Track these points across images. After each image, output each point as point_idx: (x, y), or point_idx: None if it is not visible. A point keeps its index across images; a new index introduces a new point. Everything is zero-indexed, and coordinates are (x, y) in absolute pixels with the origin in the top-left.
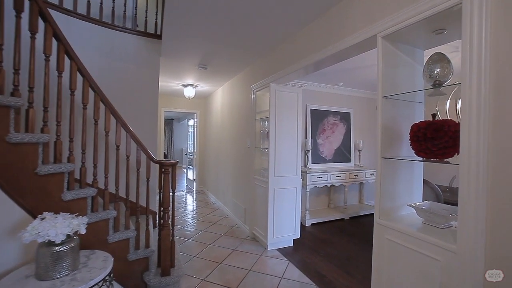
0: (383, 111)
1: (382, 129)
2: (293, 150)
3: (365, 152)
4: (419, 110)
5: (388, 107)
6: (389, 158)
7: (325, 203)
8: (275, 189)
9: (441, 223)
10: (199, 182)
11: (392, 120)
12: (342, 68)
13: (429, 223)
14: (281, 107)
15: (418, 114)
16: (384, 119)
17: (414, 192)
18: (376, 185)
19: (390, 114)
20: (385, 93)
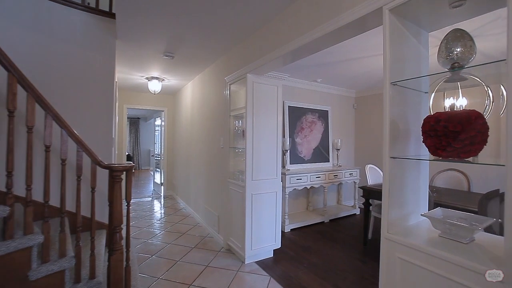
0: (391, 101)
1: (390, 123)
2: (272, 150)
3: (343, 152)
4: (425, 101)
5: (396, 96)
6: (400, 158)
7: (303, 206)
8: (253, 195)
9: (464, 236)
10: (167, 186)
11: (399, 112)
12: (323, 62)
13: (448, 236)
14: (259, 101)
15: (424, 106)
16: (392, 111)
17: (421, 197)
18: (384, 192)
19: (397, 105)
20: (393, 79)
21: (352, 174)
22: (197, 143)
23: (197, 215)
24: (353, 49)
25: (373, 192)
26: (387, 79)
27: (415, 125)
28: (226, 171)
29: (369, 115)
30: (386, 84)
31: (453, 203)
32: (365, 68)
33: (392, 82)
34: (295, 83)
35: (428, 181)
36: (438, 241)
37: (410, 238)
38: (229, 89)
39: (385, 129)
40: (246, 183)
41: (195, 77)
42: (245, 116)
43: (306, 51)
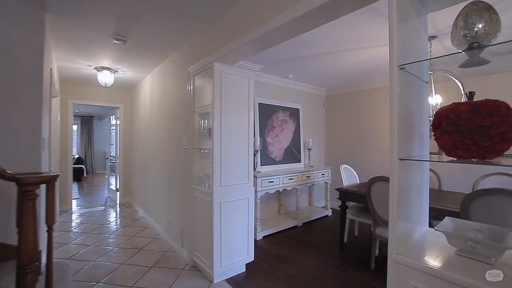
0: (399, 90)
1: (399, 118)
2: (243, 152)
3: (314, 151)
4: (425, 92)
5: (403, 84)
6: (410, 160)
7: (275, 209)
8: (221, 203)
9: (490, 255)
10: (124, 193)
11: (405, 104)
12: (296, 55)
13: (469, 255)
14: (228, 95)
15: (425, 97)
16: (400, 103)
17: (423, 204)
18: (392, 200)
19: (405, 96)
20: (401, 61)
21: (324, 174)
22: (156, 144)
23: (157, 226)
24: (327, 41)
25: (350, 194)
26: (394, 62)
27: (419, 120)
28: (190, 176)
29: (339, 114)
30: (393, 69)
31: (433, 204)
32: (337, 65)
33: (400, 65)
34: (266, 78)
35: (428, 186)
36: (459, 262)
37: (424, 259)
38: (193, 82)
39: (393, 125)
40: (213, 189)
41: (155, 69)
42: (212, 112)
43: (279, 35)
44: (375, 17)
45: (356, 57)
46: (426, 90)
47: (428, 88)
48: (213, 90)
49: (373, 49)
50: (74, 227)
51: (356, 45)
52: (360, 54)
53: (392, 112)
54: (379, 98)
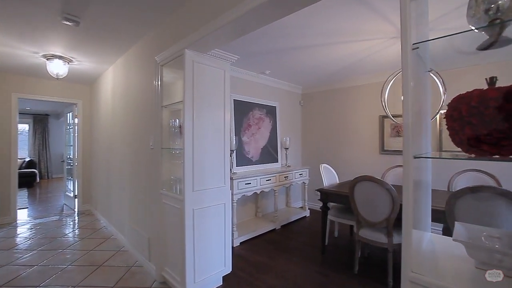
0: (412, 75)
1: (413, 109)
2: (219, 152)
3: (291, 151)
4: (429, 83)
5: (414, 71)
6: (427, 157)
7: (252, 212)
8: (194, 210)
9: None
10: (84, 199)
11: (417, 95)
12: (275, 47)
13: (492, 268)
14: (202, 88)
15: (428, 89)
16: (413, 91)
17: (428, 208)
18: (406, 205)
19: (418, 85)
20: (416, 40)
21: (302, 174)
22: (120, 144)
23: (121, 237)
24: (309, 32)
25: (332, 195)
26: (407, 41)
27: (425, 114)
28: (158, 180)
29: (316, 112)
30: (407, 49)
31: None
32: (315, 61)
33: (415, 43)
34: (242, 74)
35: (430, 187)
36: (485, 280)
37: (443, 277)
38: (161, 73)
39: (406, 117)
40: (185, 195)
41: (117, 59)
42: (183, 107)
43: (255, 19)
44: (363, 9)
45: (336, 52)
46: (429, 80)
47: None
48: (184, 81)
49: (355, 44)
50: (18, 243)
51: (338, 39)
52: (341, 49)
53: (405, 102)
54: (356, 96)
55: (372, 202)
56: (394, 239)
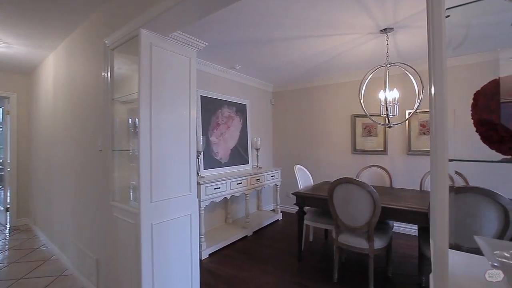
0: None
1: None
2: (184, 154)
3: (262, 151)
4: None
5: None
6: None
7: (221, 219)
8: (153, 225)
9: None
10: (19, 212)
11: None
12: (248, 38)
13: None
14: (162, 78)
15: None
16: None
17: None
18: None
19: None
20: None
21: (274, 176)
22: (63, 146)
23: (64, 257)
24: (286, 23)
25: (308, 199)
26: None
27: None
28: (107, 189)
29: (287, 112)
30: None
31: (393, 204)
32: (289, 57)
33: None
34: (210, 68)
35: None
36: None
37: None
38: (112, 59)
39: (440, 111)
40: (141, 207)
41: (59, 44)
42: (139, 100)
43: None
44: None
45: (311, 48)
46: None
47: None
48: (139, 68)
49: (331, 39)
50: None
51: (314, 32)
52: (317, 43)
53: (436, 94)
54: (328, 95)
55: (352, 205)
56: (375, 243)
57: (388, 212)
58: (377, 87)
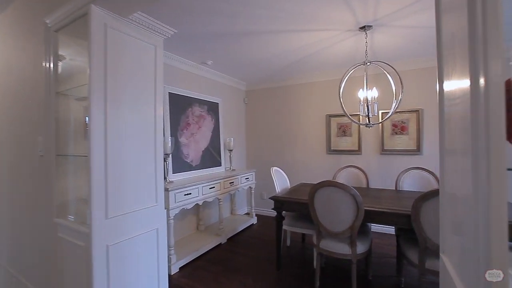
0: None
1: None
2: (149, 158)
3: (235, 153)
4: None
5: None
6: None
7: (193, 226)
8: (109, 246)
9: None
10: None
11: None
12: (220, 31)
13: None
14: (121, 67)
15: None
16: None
17: None
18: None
19: None
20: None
21: (248, 178)
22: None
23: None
24: (263, 14)
25: (288, 204)
26: None
27: None
28: (50, 203)
29: (261, 111)
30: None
31: (376, 207)
32: (264, 53)
33: None
34: (179, 62)
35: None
36: None
37: None
38: (55, 42)
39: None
40: (92, 225)
41: None
42: (89, 94)
43: None
44: None
45: (288, 44)
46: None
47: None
48: (89, 55)
49: (308, 35)
50: None
51: (293, 26)
52: (294, 39)
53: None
54: (303, 94)
55: (335, 210)
56: (358, 248)
57: (370, 215)
58: (352, 87)
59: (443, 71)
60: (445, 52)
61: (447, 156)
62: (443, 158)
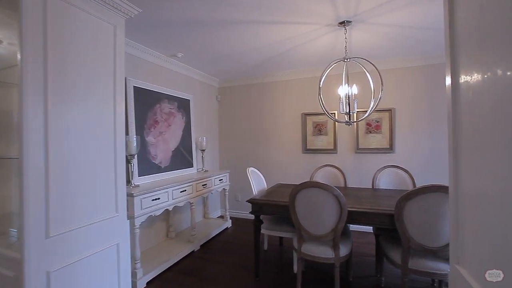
0: None
1: None
2: (106, 161)
3: (208, 153)
4: None
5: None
6: None
7: (162, 233)
8: (51, 273)
9: None
10: None
11: None
12: (192, 18)
13: None
14: (68, 50)
15: None
16: None
17: None
18: None
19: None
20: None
21: (222, 180)
22: None
23: None
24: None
25: (266, 207)
26: None
27: None
28: None
29: (234, 109)
30: None
31: (358, 207)
32: (239, 46)
33: None
34: (146, 54)
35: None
36: None
37: None
38: None
39: None
40: (25, 247)
41: None
42: (21, 82)
43: None
44: None
45: (265, 37)
46: None
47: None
48: (21, 30)
49: (287, 27)
50: None
51: (271, 16)
52: (271, 32)
53: None
54: (278, 92)
55: (317, 212)
56: (341, 251)
57: (353, 216)
58: (329, 85)
59: (458, 62)
60: (462, 42)
61: (464, 152)
62: (457, 154)
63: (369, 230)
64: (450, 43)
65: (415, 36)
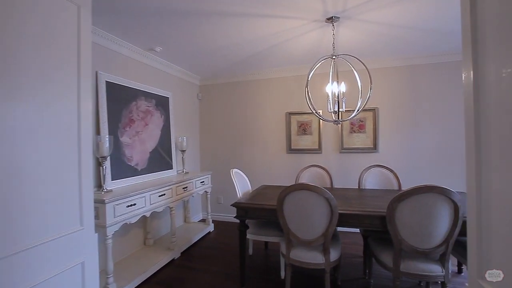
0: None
1: None
2: (68, 165)
3: (189, 153)
4: None
5: None
6: None
7: (139, 241)
8: None
9: None
10: None
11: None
12: (173, 7)
13: None
14: (15, 32)
15: None
16: None
17: None
18: None
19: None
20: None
21: (204, 182)
22: None
23: None
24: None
25: (252, 211)
26: None
27: None
28: None
29: (216, 108)
30: None
31: (349, 210)
32: (223, 41)
33: None
34: (120, 46)
35: None
36: None
37: None
38: None
39: None
40: None
41: None
42: None
43: None
44: None
45: (251, 31)
46: None
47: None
48: None
49: (273, 21)
50: None
51: (258, 9)
52: (257, 26)
53: None
54: (262, 91)
55: (307, 215)
56: (331, 256)
57: (343, 219)
58: (315, 84)
59: (483, 55)
60: (488, 34)
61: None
62: (479, 154)
63: (355, 230)
64: (472, 36)
65: (402, 36)
